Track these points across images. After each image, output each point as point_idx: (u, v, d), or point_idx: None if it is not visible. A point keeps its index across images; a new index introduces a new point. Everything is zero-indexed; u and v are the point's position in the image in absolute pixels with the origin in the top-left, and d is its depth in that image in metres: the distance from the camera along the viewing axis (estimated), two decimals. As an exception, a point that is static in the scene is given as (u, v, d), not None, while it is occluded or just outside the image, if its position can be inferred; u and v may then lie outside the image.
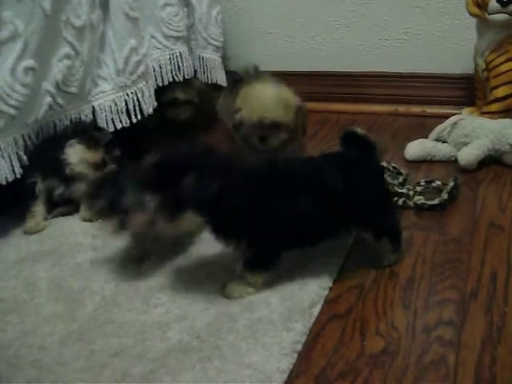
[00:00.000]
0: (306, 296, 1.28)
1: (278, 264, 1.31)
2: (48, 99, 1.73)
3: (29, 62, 1.62)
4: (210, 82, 2.34)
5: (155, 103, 2.07)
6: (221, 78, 2.36)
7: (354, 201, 1.30)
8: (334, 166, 1.33)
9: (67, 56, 1.77)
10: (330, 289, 1.33)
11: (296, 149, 1.81)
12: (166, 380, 1.09)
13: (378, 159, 1.41)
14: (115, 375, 1.11)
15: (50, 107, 1.74)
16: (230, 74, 2.27)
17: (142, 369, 1.12)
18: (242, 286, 1.31)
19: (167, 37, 2.16)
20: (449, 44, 2.31)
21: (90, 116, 1.90)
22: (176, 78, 2.21)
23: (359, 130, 1.37)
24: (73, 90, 1.81)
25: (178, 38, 2.19)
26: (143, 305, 1.31)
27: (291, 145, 1.77)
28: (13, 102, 1.59)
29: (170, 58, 2.18)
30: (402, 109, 2.40)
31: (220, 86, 2.32)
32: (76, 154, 1.73)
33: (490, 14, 1.97)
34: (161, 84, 2.15)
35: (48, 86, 1.72)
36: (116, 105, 1.96)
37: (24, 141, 1.69)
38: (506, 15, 1.95)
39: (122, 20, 1.94)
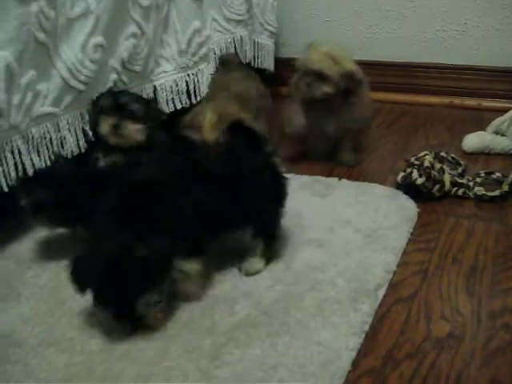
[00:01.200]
0: (371, 278, 1.30)
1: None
2: (113, 76, 1.76)
3: (98, 39, 1.65)
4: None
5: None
6: (271, 65, 2.39)
7: (238, 193, 1.28)
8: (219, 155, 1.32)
9: (133, 35, 1.80)
10: (394, 272, 1.34)
11: (349, 110, 1.84)
12: (235, 353, 1.11)
13: (264, 152, 1.36)
14: (185, 346, 1.14)
15: (115, 84, 1.77)
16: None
17: (211, 341, 1.15)
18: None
19: (228, 20, 2.18)
20: (508, 37, 2.29)
21: (151, 95, 1.93)
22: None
23: (245, 121, 1.37)
24: (137, 68, 1.84)
25: (238, 22, 2.22)
26: (209, 280, 1.33)
27: (344, 106, 1.83)
28: (82, 78, 1.62)
29: (230, 42, 2.20)
30: (457, 101, 2.39)
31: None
32: (106, 126, 1.66)
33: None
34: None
35: (114, 63, 1.75)
36: (177, 85, 1.99)
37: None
38: None
39: (186, 1, 1.96)
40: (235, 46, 2.23)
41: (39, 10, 1.44)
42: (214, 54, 2.16)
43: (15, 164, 1.49)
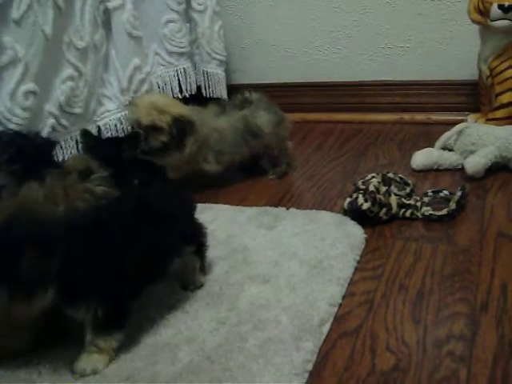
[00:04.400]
0: (315, 313, 1.27)
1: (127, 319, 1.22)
2: (51, 121, 1.74)
3: (29, 86, 1.63)
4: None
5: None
6: (224, 93, 2.38)
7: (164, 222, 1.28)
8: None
9: (70, 77, 1.78)
10: (340, 305, 1.32)
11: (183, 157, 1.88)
12: (176, 404, 1.09)
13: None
14: (127, 398, 1.11)
15: (54, 129, 1.75)
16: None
17: (153, 392, 1.12)
18: (94, 356, 1.18)
19: (171, 53, 2.19)
20: (452, 51, 2.32)
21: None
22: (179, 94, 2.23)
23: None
24: (77, 110, 1.83)
25: (181, 54, 2.22)
26: (154, 326, 1.31)
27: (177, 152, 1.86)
28: (12, 126, 1.60)
29: (174, 75, 2.19)
30: (407, 117, 2.40)
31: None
32: None
33: (492, 20, 1.97)
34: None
35: (51, 107, 1.74)
36: (122, 123, 1.97)
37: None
38: (508, 21, 1.95)
39: (125, 39, 1.96)
40: (179, 79, 2.22)
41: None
42: (159, 87, 2.15)
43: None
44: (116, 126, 1.96)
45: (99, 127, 1.93)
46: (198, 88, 2.36)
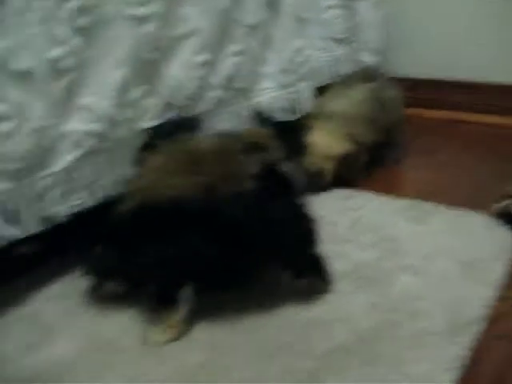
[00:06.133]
0: (468, 311, 1.28)
1: (188, 296, 1.27)
2: (216, 93, 1.80)
3: (203, 57, 1.69)
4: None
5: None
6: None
7: (264, 239, 1.27)
8: (242, 202, 1.29)
9: (237, 53, 1.83)
10: (492, 307, 1.31)
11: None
12: (330, 379, 1.12)
13: (295, 196, 1.35)
14: (282, 368, 1.16)
15: (218, 100, 1.81)
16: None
17: (307, 365, 1.16)
18: (161, 329, 1.27)
19: (329, 39, 2.20)
20: None
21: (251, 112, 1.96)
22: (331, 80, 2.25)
23: (279, 168, 1.35)
24: (239, 85, 1.88)
25: (339, 40, 2.23)
26: (305, 302, 1.35)
27: None
28: (186, 94, 1.67)
29: (330, 60, 2.21)
30: None
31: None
32: None
33: None
34: (319, 85, 2.18)
35: (217, 80, 1.79)
36: (277, 102, 2.01)
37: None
38: None
39: (290, 21, 2.00)
40: (334, 65, 2.24)
41: (151, 31, 1.50)
42: (314, 71, 2.18)
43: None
44: (272, 104, 2.00)
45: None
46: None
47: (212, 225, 1.25)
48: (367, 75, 2.05)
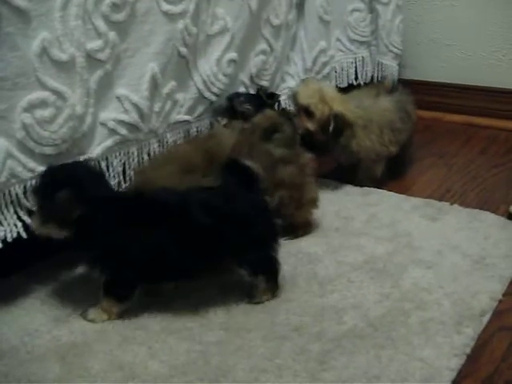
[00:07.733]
0: (476, 304, 1.34)
1: (132, 296, 1.33)
2: (242, 89, 1.88)
3: (232, 55, 1.78)
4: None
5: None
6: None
7: (225, 236, 1.31)
8: (203, 199, 1.32)
9: (263, 52, 1.91)
10: (500, 301, 1.37)
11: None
12: (341, 360, 1.19)
13: (259, 193, 1.38)
14: (295, 348, 1.23)
15: (244, 97, 1.88)
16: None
17: (319, 346, 1.23)
18: (98, 310, 1.34)
19: (352, 41, 2.28)
20: None
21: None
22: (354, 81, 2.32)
23: (243, 161, 1.36)
24: (264, 83, 1.95)
25: (362, 43, 2.30)
26: (320, 290, 1.42)
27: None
28: (215, 90, 1.75)
29: (352, 62, 2.28)
30: None
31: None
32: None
33: None
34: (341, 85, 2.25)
35: (244, 77, 1.87)
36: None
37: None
38: None
39: (315, 22, 2.07)
40: (356, 66, 2.31)
41: (184, 27, 1.58)
42: (336, 72, 2.25)
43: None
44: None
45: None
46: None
47: (169, 220, 1.30)
48: (390, 85, 2.09)
